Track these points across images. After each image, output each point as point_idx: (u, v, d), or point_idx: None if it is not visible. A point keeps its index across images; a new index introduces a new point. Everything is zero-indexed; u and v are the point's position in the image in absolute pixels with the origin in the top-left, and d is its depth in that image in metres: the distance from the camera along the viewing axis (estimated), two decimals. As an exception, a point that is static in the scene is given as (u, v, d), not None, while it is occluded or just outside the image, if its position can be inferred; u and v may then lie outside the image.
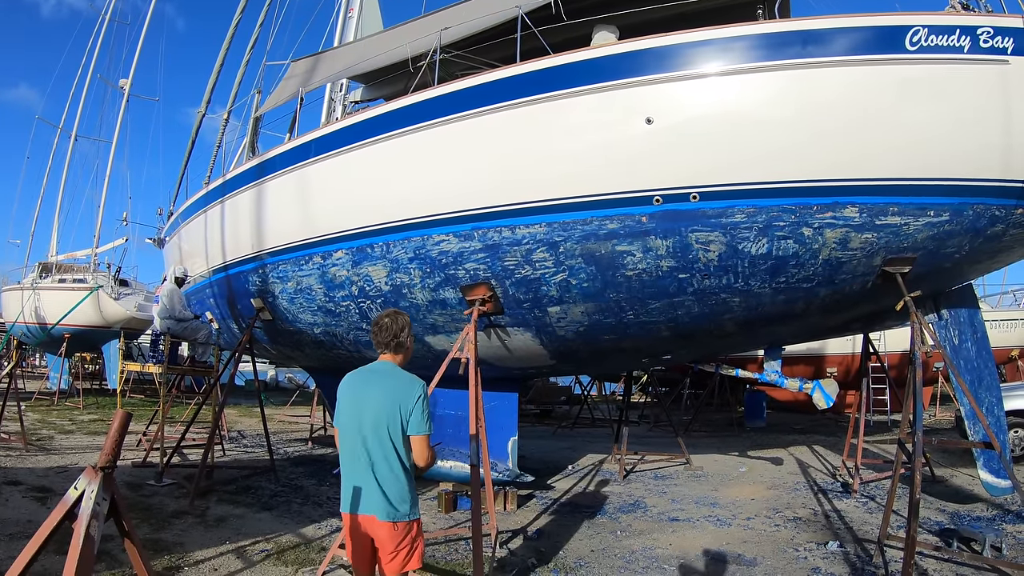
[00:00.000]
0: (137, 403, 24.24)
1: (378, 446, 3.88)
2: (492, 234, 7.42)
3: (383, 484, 3.87)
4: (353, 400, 4.02)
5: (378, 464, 3.88)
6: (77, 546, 2.95)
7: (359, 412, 3.94)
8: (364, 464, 3.90)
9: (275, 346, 11.88)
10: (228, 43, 13.41)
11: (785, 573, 6.75)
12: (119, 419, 3.20)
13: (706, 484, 11.48)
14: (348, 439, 3.98)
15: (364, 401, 3.96)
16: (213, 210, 11.36)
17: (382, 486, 3.87)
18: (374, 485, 3.87)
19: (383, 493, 3.86)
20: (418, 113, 7.78)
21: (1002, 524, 8.42)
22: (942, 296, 8.15)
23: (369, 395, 3.97)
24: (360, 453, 3.92)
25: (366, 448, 3.89)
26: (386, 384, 3.98)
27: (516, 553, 7.37)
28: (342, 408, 4.07)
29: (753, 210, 6.58)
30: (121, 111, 31.80)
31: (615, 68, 6.87)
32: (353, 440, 3.95)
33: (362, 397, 3.99)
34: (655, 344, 8.56)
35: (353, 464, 3.96)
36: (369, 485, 3.89)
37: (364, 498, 3.89)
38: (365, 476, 3.90)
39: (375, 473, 3.88)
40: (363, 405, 3.95)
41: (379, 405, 3.90)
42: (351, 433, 3.96)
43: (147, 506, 8.84)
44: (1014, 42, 6.21)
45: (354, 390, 4.06)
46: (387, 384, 3.98)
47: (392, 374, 4.06)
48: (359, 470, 3.92)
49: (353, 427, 3.95)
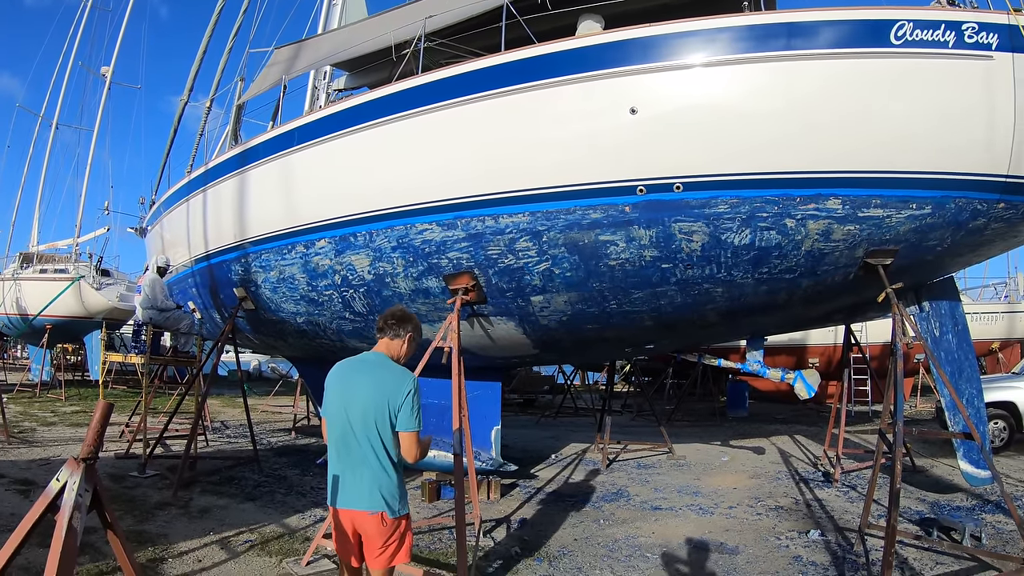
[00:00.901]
0: (120, 394, 24.13)
1: (365, 439, 3.79)
2: (475, 223, 7.40)
3: (370, 478, 3.79)
4: (341, 390, 3.93)
5: (365, 457, 3.79)
6: (60, 538, 2.93)
7: (347, 403, 3.86)
8: (351, 456, 3.83)
9: (258, 336, 11.82)
10: (211, 30, 13.32)
11: (767, 561, 6.80)
12: (100, 410, 3.18)
13: (689, 473, 11.54)
14: (335, 430, 3.90)
15: (353, 392, 3.87)
16: (195, 199, 11.27)
17: (369, 480, 3.79)
18: (361, 478, 3.80)
19: (370, 487, 3.78)
20: (402, 101, 7.74)
21: (981, 514, 8.52)
22: (924, 288, 8.20)
23: (358, 386, 3.88)
24: (347, 445, 3.84)
25: (353, 440, 3.81)
26: (376, 376, 3.90)
27: (500, 542, 7.39)
28: (330, 398, 3.98)
29: (736, 201, 6.59)
30: (103, 99, 31.63)
31: (600, 58, 6.85)
32: (340, 431, 3.86)
33: (351, 388, 3.90)
34: (638, 334, 8.58)
35: (340, 456, 3.88)
36: (356, 478, 3.81)
37: (351, 491, 3.82)
38: (352, 469, 3.83)
39: (362, 466, 3.80)
40: (351, 396, 3.86)
41: (368, 397, 3.82)
42: (338, 424, 3.87)
43: (130, 498, 8.80)
44: (998, 38, 6.25)
45: (343, 380, 3.98)
46: (377, 376, 3.90)
47: (383, 365, 3.98)
48: (346, 462, 3.85)
49: (341, 418, 3.86)
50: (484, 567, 6.54)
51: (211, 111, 13.31)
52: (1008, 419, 12.92)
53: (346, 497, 3.84)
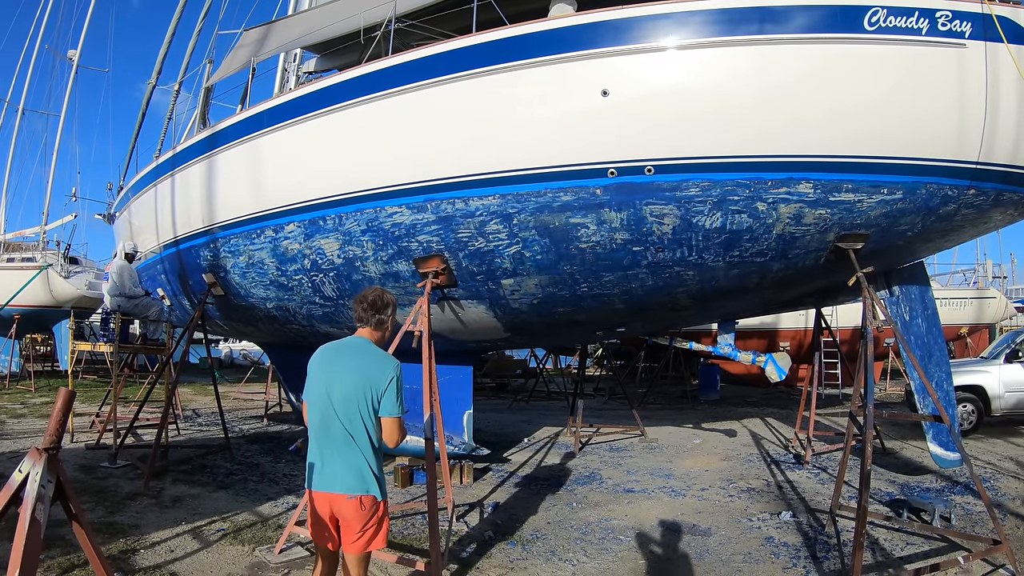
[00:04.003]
0: (90, 384, 23.85)
1: (347, 423, 3.79)
2: (445, 206, 7.34)
3: (351, 462, 3.79)
4: (324, 375, 3.92)
5: (347, 441, 3.79)
6: (23, 530, 2.88)
7: (329, 387, 3.85)
8: (332, 440, 3.82)
9: (228, 322, 11.70)
10: (180, 11, 13.12)
11: (739, 543, 6.85)
12: (62, 398, 3.13)
13: (661, 456, 11.60)
14: (316, 414, 3.89)
15: (335, 376, 3.87)
16: (163, 184, 11.10)
17: (350, 464, 3.79)
18: (341, 463, 3.79)
19: (350, 471, 3.78)
20: (372, 83, 7.64)
21: (951, 495, 8.64)
22: (894, 273, 8.28)
23: (340, 371, 3.88)
24: (328, 429, 3.83)
25: (335, 424, 3.80)
26: (359, 361, 3.89)
27: (473, 526, 7.39)
28: (312, 382, 3.97)
29: (708, 184, 6.59)
30: (70, 83, 30.92)
31: (572, 40, 6.80)
32: (322, 415, 3.85)
33: (333, 372, 3.89)
34: (609, 317, 8.58)
35: (321, 440, 3.87)
36: (336, 462, 3.80)
37: (330, 475, 3.81)
38: (333, 453, 3.82)
39: (343, 450, 3.80)
40: (333, 380, 3.86)
41: (350, 382, 3.82)
42: (320, 408, 3.87)
43: (101, 488, 8.70)
44: (972, 26, 6.30)
45: (325, 364, 3.97)
46: (360, 361, 3.89)
47: (366, 350, 3.97)
48: (327, 446, 3.84)
49: (322, 402, 3.85)
50: (457, 551, 6.54)
51: (180, 94, 13.14)
52: (977, 403, 13.10)
53: (325, 481, 3.83)
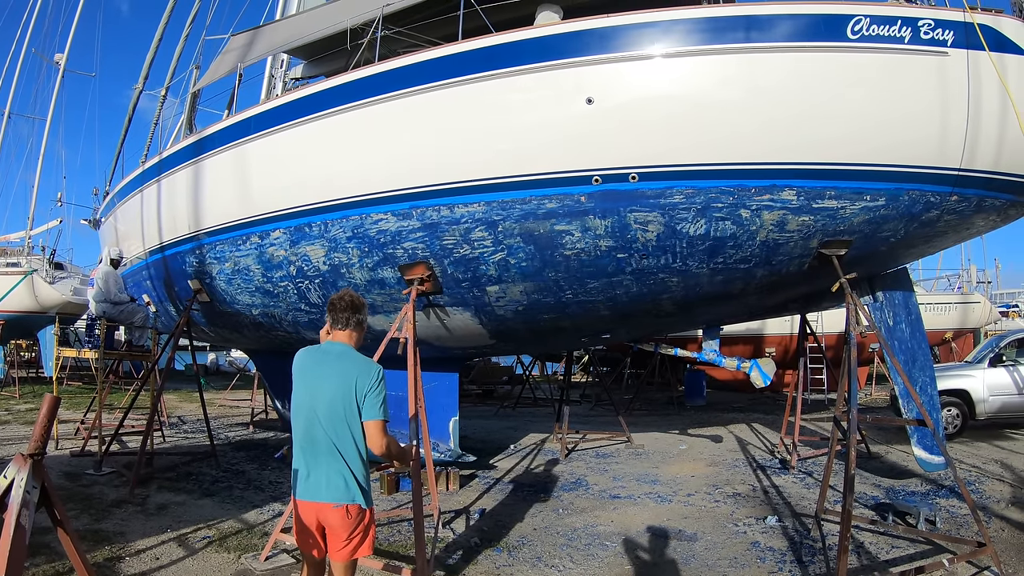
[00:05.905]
0: (74, 391, 23.66)
1: (332, 431, 3.74)
2: (431, 213, 7.36)
3: (336, 470, 3.74)
4: (307, 382, 3.87)
5: (331, 450, 3.74)
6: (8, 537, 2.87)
7: (312, 396, 3.80)
8: (317, 448, 3.77)
9: (214, 328, 11.67)
10: (167, 17, 13.14)
11: (725, 547, 6.87)
12: (47, 404, 3.13)
13: (647, 462, 11.60)
14: (301, 422, 3.84)
15: (318, 383, 3.82)
16: (149, 189, 11.08)
17: (335, 472, 3.74)
18: (327, 471, 3.75)
19: (336, 479, 3.74)
20: (358, 90, 7.66)
21: (935, 498, 8.67)
22: (877, 279, 8.34)
23: (323, 378, 3.82)
24: (313, 437, 3.78)
25: (320, 432, 3.75)
26: (341, 366, 3.84)
27: (459, 533, 7.37)
28: (296, 390, 3.92)
29: (692, 191, 6.63)
30: (56, 87, 30.81)
31: (558, 48, 6.85)
32: (306, 423, 3.80)
33: (316, 379, 3.84)
34: (594, 323, 8.61)
35: (306, 448, 3.82)
36: (322, 471, 3.76)
37: (316, 484, 3.76)
38: (318, 461, 3.77)
39: (328, 458, 3.75)
40: (317, 387, 3.81)
41: (333, 388, 3.77)
42: (304, 416, 3.82)
43: (86, 496, 8.64)
44: (954, 35, 6.39)
45: (308, 371, 3.92)
46: (342, 366, 3.84)
47: (347, 356, 3.91)
48: (312, 455, 3.79)
49: (307, 410, 3.81)
50: (444, 558, 6.52)
51: (166, 100, 13.14)
52: (961, 407, 13.16)
53: (311, 489, 3.78)
